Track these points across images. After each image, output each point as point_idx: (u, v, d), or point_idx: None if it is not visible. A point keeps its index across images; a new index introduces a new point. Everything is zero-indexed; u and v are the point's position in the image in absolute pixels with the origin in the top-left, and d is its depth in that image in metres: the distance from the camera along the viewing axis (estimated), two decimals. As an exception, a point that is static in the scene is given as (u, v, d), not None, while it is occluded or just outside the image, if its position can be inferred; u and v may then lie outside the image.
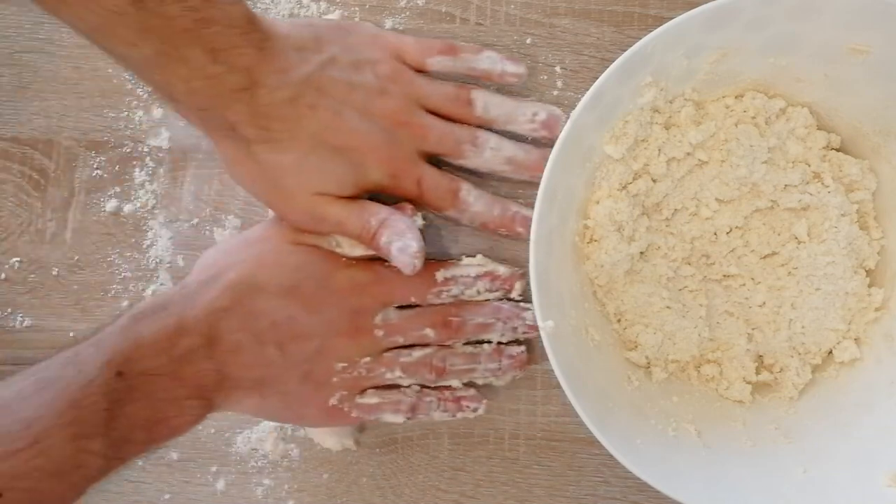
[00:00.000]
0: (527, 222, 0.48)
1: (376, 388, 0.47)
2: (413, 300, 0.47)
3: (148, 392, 0.41)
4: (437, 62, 0.48)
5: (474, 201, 0.48)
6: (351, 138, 0.44)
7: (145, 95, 0.51)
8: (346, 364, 0.46)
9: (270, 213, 0.48)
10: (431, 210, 0.48)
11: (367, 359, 0.46)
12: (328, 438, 0.49)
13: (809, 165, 0.48)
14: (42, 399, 0.38)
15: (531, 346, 0.49)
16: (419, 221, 0.47)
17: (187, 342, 0.42)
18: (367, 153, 0.45)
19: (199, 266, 0.46)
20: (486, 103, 0.48)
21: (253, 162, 0.44)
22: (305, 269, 0.46)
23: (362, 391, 0.46)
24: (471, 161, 0.48)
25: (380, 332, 0.46)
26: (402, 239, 0.45)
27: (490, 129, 0.48)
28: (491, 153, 0.48)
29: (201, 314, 0.43)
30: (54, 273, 0.50)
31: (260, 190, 0.45)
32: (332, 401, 0.46)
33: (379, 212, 0.46)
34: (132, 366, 0.40)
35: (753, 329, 0.48)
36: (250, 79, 0.41)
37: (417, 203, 0.48)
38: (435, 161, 0.48)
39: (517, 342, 0.48)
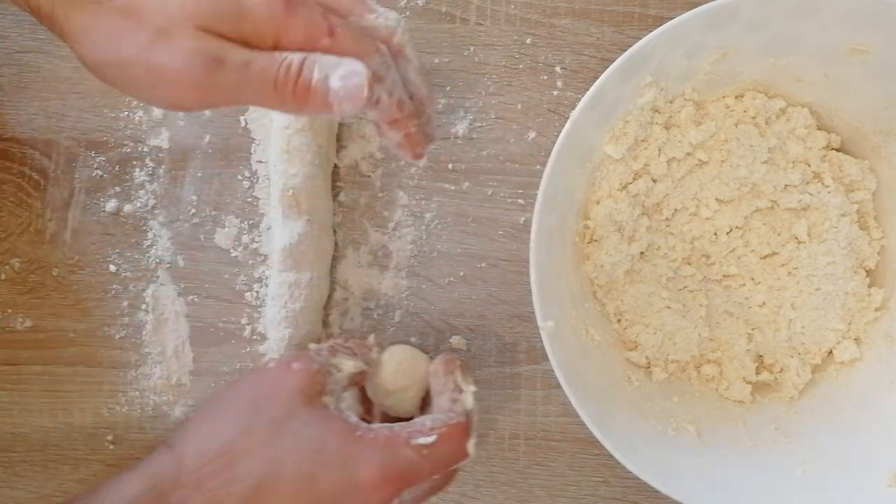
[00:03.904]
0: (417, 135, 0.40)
1: None
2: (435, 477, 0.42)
3: None
4: None
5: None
6: None
7: (145, 95, 0.51)
8: None
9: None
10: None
11: None
12: None
13: (809, 165, 0.48)
14: None
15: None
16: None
17: None
18: None
19: (200, 442, 0.40)
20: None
21: (110, 14, 0.35)
22: (324, 451, 0.39)
23: None
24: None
25: None
26: (339, 67, 0.35)
27: None
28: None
29: None
30: (54, 273, 0.50)
31: (128, 52, 0.35)
32: None
33: (293, 52, 0.36)
34: None
35: (753, 329, 0.48)
36: None
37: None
38: None
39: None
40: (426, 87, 0.42)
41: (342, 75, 0.35)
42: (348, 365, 0.43)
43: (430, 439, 0.40)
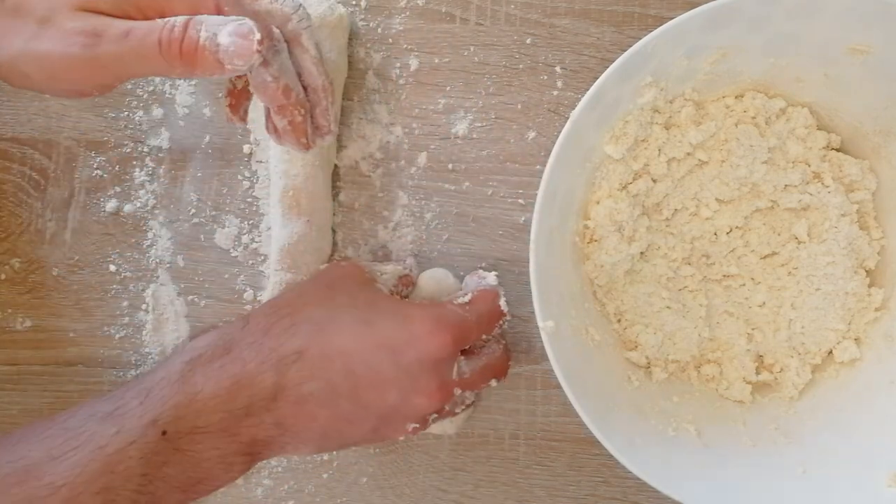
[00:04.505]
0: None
1: None
2: (483, 338, 0.45)
3: (194, 451, 0.38)
4: None
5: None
6: None
7: (145, 95, 0.51)
8: (417, 425, 0.43)
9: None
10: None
11: (435, 415, 0.43)
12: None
13: (809, 165, 0.48)
14: (73, 461, 0.35)
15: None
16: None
17: (249, 394, 0.39)
18: None
19: (266, 305, 0.44)
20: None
21: (2, 16, 0.36)
22: (377, 306, 0.43)
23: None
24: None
25: (457, 391, 0.43)
26: (227, 24, 0.35)
27: None
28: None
29: (269, 360, 0.40)
30: (54, 273, 0.50)
31: (17, 46, 0.36)
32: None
33: (176, 15, 0.36)
34: (182, 423, 0.38)
35: (753, 329, 0.48)
36: None
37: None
38: None
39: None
40: (323, 77, 0.42)
41: (230, 31, 0.35)
42: (389, 269, 0.47)
43: (467, 298, 0.45)
